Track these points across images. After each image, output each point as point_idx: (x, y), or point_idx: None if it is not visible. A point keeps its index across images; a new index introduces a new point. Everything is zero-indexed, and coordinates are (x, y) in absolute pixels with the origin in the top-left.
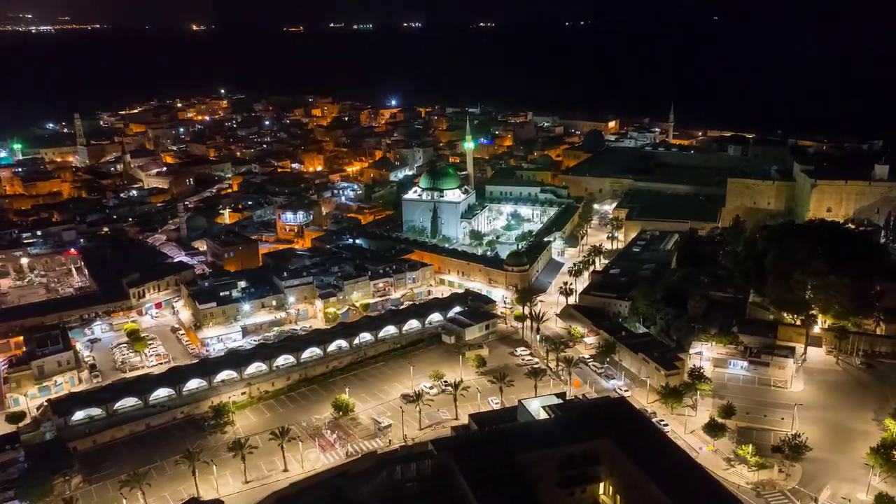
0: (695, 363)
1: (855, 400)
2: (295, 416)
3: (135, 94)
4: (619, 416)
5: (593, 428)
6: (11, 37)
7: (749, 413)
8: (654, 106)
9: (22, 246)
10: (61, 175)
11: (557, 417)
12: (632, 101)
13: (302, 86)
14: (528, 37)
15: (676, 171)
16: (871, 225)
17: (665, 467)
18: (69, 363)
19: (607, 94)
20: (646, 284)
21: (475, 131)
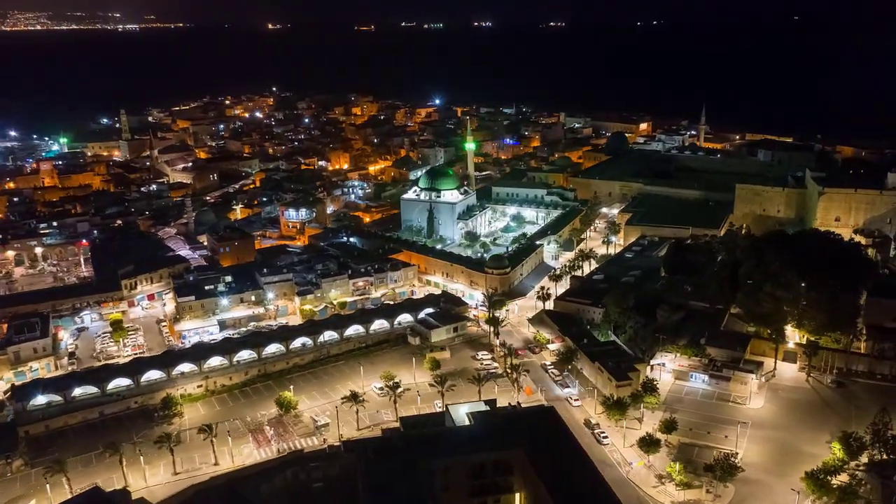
0: (657, 374)
1: (814, 420)
2: (243, 411)
3: (194, 90)
4: (541, 427)
5: (510, 438)
6: (100, 34)
7: (692, 429)
8: (706, 109)
9: (38, 236)
10: (95, 168)
11: (476, 425)
12: (683, 103)
13: (354, 84)
14: (595, 37)
15: (698, 175)
16: (881, 236)
17: (569, 482)
18: (45, 350)
19: (655, 96)
20: (619, 292)
21: (505, 132)
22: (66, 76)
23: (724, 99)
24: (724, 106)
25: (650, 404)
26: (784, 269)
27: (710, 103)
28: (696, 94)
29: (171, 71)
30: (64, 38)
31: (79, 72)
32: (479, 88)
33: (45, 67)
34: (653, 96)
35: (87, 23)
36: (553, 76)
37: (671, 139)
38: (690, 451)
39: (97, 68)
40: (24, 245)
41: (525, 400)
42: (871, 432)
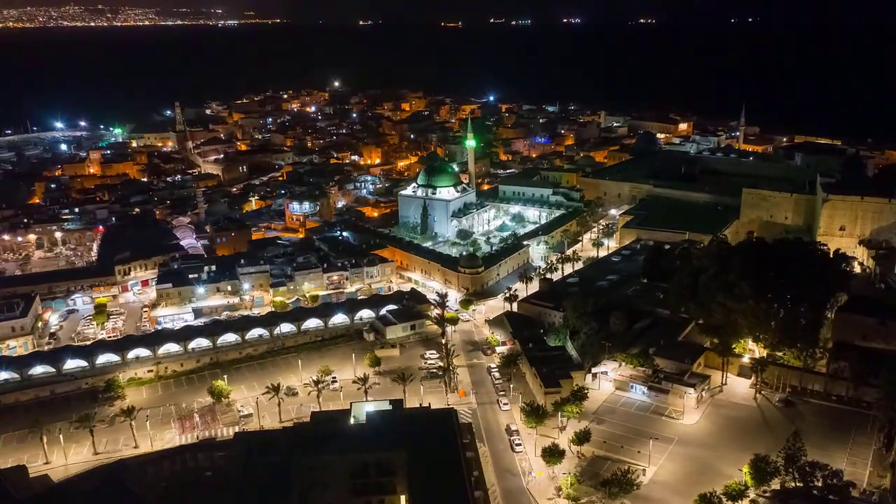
0: (598, 383)
1: (744, 441)
2: (183, 397)
3: (267, 83)
4: (433, 431)
5: (396, 439)
6: (201, 30)
7: (606, 441)
8: (745, 110)
9: (59, 221)
10: (137, 158)
11: (369, 424)
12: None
13: (418, 79)
14: (686, 34)
15: (722, 178)
16: (888, 248)
17: (433, 489)
18: (23, 329)
19: (722, 95)
20: (579, 296)
21: (541, 129)
22: (154, 69)
23: (782, 100)
24: (777, 107)
25: (570, 413)
26: (739, 279)
27: (762, 103)
28: (758, 95)
29: (252, 65)
30: (168, 33)
31: (167, 65)
32: (539, 85)
33: (138, 60)
34: (719, 95)
35: (191, 18)
36: (622, 74)
37: (706, 140)
38: (601, 465)
39: (185, 62)
40: (45, 229)
41: (457, 402)
42: (784, 457)
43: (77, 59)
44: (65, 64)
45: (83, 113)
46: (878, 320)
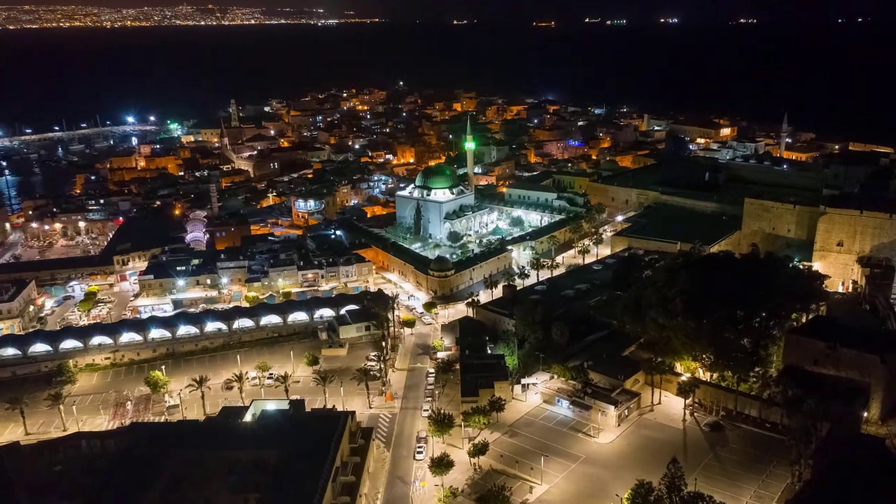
0: (526, 394)
1: (652, 465)
2: (129, 385)
3: (337, 81)
4: (317, 433)
5: (275, 439)
6: (303, 28)
7: (504, 455)
8: (787, 117)
9: (84, 211)
10: (180, 153)
11: (258, 423)
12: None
13: (487, 79)
14: (787, 34)
15: (748, 187)
16: (888, 266)
17: (288, 488)
18: (10, 312)
19: (786, 99)
20: (528, 305)
21: (580, 132)
22: (238, 66)
23: (863, 106)
24: (851, 112)
25: (477, 424)
26: (677, 294)
27: (836, 109)
28: (834, 100)
29: (336, 63)
30: (271, 32)
31: (251, 62)
32: (602, 86)
33: (234, 58)
34: (794, 100)
35: (294, 18)
36: (696, 76)
37: (743, 147)
38: (494, 479)
39: (277, 59)
40: (70, 219)
41: (382, 405)
42: (665, 485)
43: (180, 56)
44: (167, 60)
45: (158, 108)
46: (830, 345)
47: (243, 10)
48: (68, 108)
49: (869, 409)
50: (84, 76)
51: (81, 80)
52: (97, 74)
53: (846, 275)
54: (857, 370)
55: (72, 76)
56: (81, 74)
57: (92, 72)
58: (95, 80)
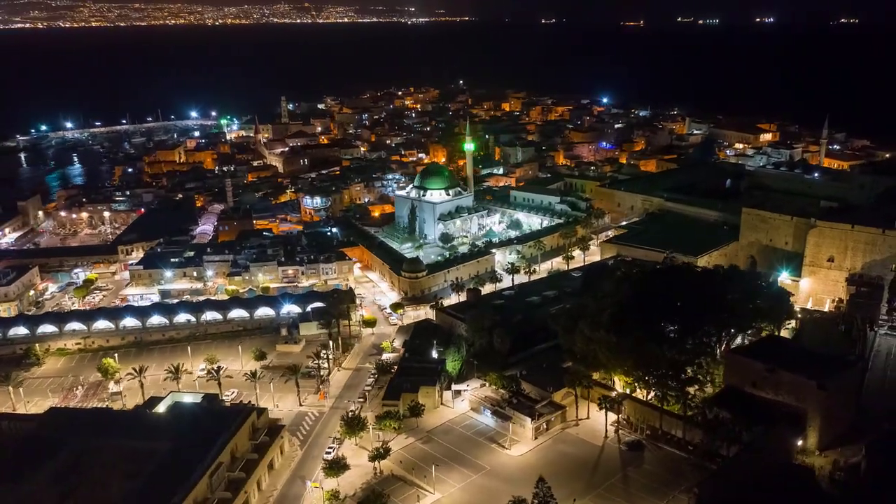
0: (455, 402)
1: (552, 482)
2: (87, 370)
3: (404, 80)
4: (216, 427)
5: (175, 431)
6: (394, 27)
7: (402, 462)
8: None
9: (110, 202)
10: (220, 148)
11: (166, 414)
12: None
13: (553, 80)
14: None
15: (772, 195)
16: (877, 285)
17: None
18: (7, 296)
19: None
20: (479, 310)
21: (615, 134)
22: (315, 64)
23: None
24: None
25: (387, 428)
26: (607, 306)
27: None
28: None
29: (407, 60)
30: (362, 30)
31: (333, 60)
32: (665, 87)
33: (314, 55)
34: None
35: (385, 16)
36: (774, 78)
37: (777, 153)
38: (390, 484)
39: (352, 57)
40: (95, 209)
41: (313, 404)
42: None
43: (267, 52)
44: (253, 56)
45: (229, 103)
46: (768, 367)
47: (337, 8)
48: (150, 102)
49: (807, 438)
50: (169, 72)
51: (165, 75)
52: (182, 70)
53: (836, 292)
54: (795, 396)
55: (157, 72)
56: (167, 70)
57: (177, 67)
58: (178, 75)
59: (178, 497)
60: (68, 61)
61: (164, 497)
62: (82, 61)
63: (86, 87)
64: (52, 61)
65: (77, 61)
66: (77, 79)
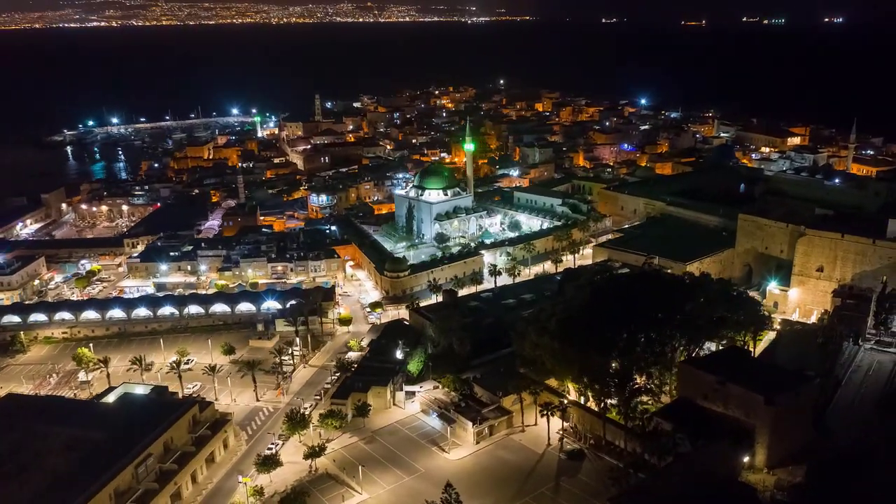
0: (406, 403)
1: (483, 488)
2: (66, 359)
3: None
4: (155, 420)
5: (115, 421)
6: (453, 26)
7: (336, 461)
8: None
9: (129, 196)
10: (247, 144)
11: (115, 404)
12: None
13: (595, 80)
14: None
15: (788, 201)
16: (863, 297)
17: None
18: (9, 285)
19: None
20: (444, 313)
21: (640, 137)
22: (364, 63)
23: None
24: None
25: (329, 426)
26: (555, 313)
27: None
28: None
29: (453, 61)
30: (422, 29)
31: (378, 60)
32: (707, 89)
33: (363, 56)
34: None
35: (446, 15)
36: (824, 81)
37: (801, 157)
38: (322, 482)
39: (398, 57)
40: (114, 202)
41: (270, 400)
42: None
43: (321, 50)
44: (305, 56)
45: (274, 101)
46: (719, 380)
47: (399, 7)
48: (199, 98)
49: (755, 455)
50: (223, 70)
51: (217, 73)
52: (237, 68)
53: (825, 303)
54: (744, 410)
55: (210, 70)
56: (222, 68)
57: (233, 66)
58: (232, 73)
59: (97, 485)
60: (127, 59)
61: (86, 485)
62: (141, 59)
63: (137, 85)
64: (111, 59)
65: (135, 59)
66: (130, 76)
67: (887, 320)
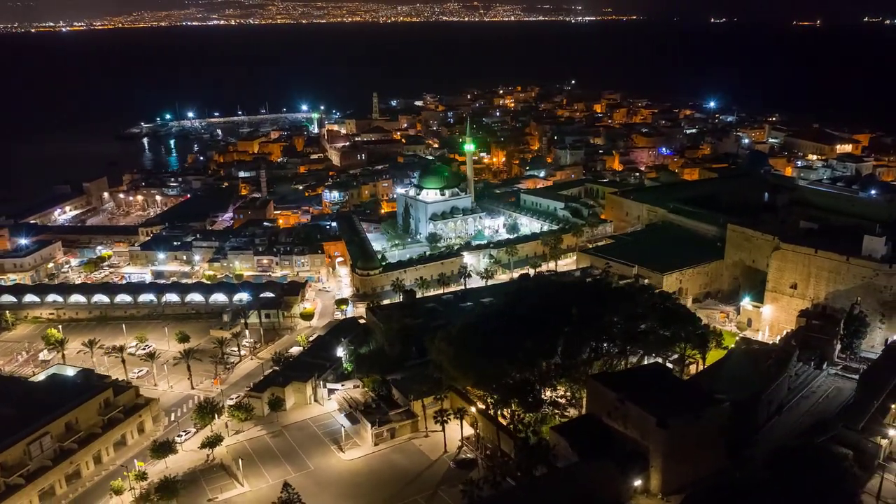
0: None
1: (363, 489)
2: (37, 337)
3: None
4: (63, 401)
5: (30, 400)
6: (558, 25)
7: (228, 452)
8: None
9: (162, 186)
10: (294, 140)
11: (39, 384)
12: None
13: (674, 81)
14: None
15: (811, 212)
16: (830, 317)
17: None
18: (21, 266)
19: None
20: (386, 312)
21: (685, 140)
22: (451, 61)
23: None
24: None
25: (238, 417)
26: (468, 319)
27: None
28: None
29: (540, 60)
30: (524, 29)
31: (465, 58)
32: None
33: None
34: None
35: (551, 15)
36: None
37: (843, 166)
38: (214, 472)
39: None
40: (149, 193)
41: (205, 388)
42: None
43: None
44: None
45: (351, 97)
46: (620, 397)
47: (505, 6)
48: (281, 95)
49: (650, 479)
50: (310, 68)
51: (304, 71)
52: (325, 65)
53: (800, 323)
54: (640, 431)
55: (294, 66)
56: (304, 65)
57: (324, 64)
58: (315, 70)
59: None
60: (225, 56)
61: None
62: (239, 56)
63: (221, 80)
64: (211, 56)
65: (234, 56)
66: (216, 72)
67: (852, 345)
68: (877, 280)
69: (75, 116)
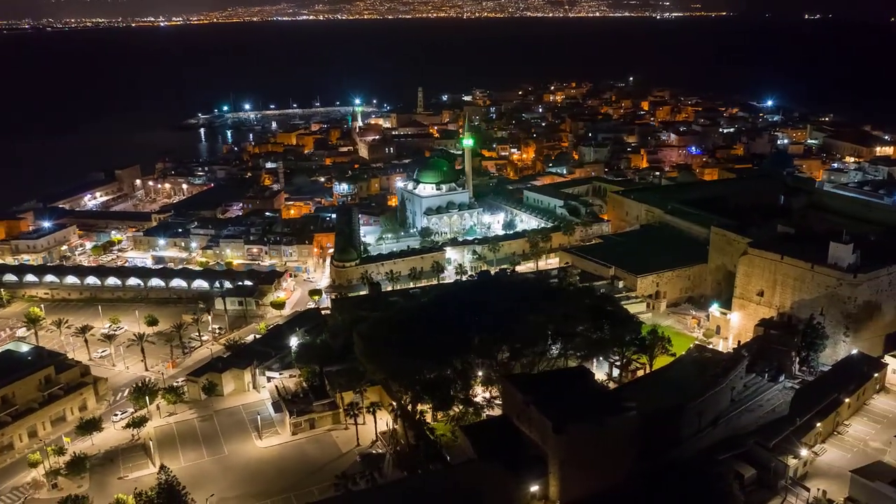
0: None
1: (269, 476)
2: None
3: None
4: (13, 374)
5: None
6: (644, 21)
7: (152, 434)
8: None
9: (189, 175)
10: (331, 133)
11: None
12: None
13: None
14: None
15: (827, 217)
16: (794, 330)
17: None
18: (34, 248)
19: None
20: (346, 304)
21: (719, 140)
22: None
23: None
24: None
25: (168, 399)
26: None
27: None
28: None
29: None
30: (606, 25)
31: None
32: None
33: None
34: None
35: (637, 11)
36: None
37: (874, 169)
38: (133, 451)
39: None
40: (176, 181)
41: (159, 371)
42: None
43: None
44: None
45: (394, 93)
46: (525, 400)
47: (590, 2)
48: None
49: (548, 486)
50: (371, 61)
51: (364, 65)
52: (392, 61)
53: (758, 332)
54: (540, 436)
55: (359, 61)
56: (369, 60)
57: (394, 58)
58: (380, 65)
59: None
60: (298, 50)
61: None
62: (315, 49)
63: (294, 74)
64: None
65: (305, 51)
66: (285, 65)
67: (808, 358)
68: (840, 290)
69: (148, 106)
